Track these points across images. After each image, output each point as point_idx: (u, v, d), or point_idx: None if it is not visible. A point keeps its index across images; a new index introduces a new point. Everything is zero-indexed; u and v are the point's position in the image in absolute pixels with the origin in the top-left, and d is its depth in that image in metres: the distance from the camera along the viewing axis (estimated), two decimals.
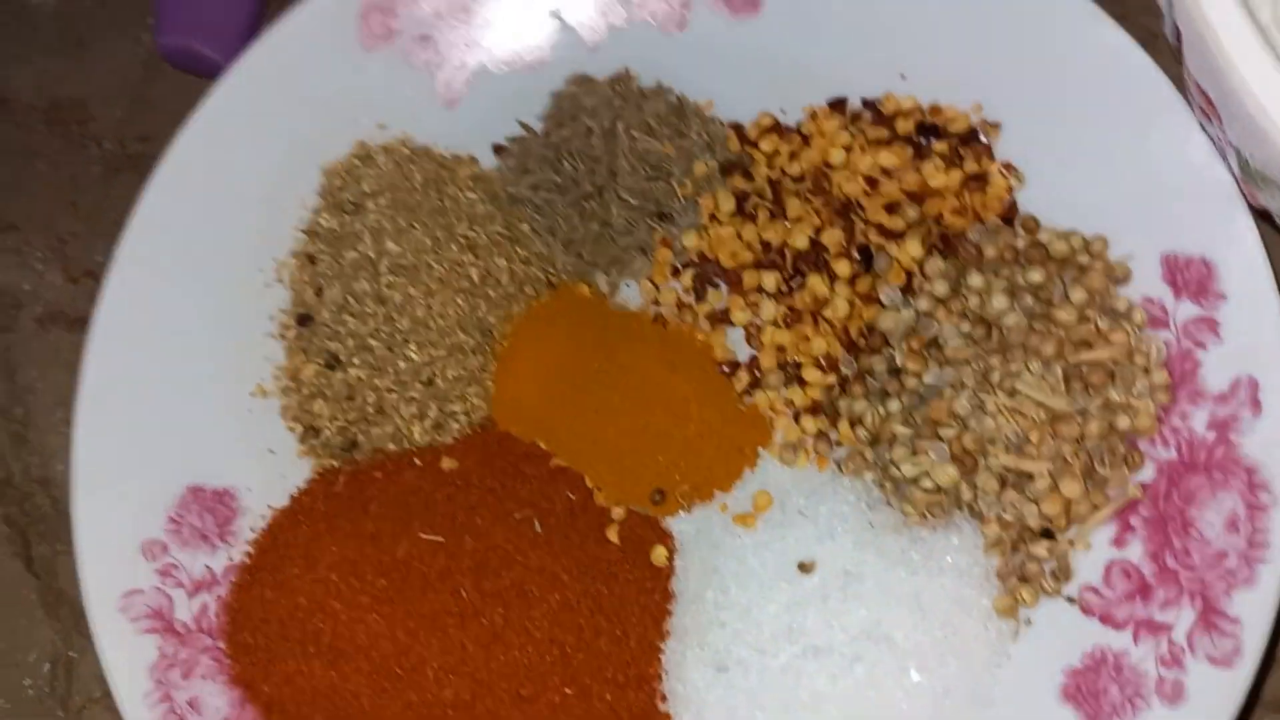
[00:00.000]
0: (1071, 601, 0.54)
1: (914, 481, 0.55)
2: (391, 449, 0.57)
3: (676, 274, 0.60)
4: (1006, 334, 0.55)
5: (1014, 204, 0.59)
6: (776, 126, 0.61)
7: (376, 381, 0.56)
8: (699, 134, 0.61)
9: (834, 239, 0.58)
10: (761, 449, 0.57)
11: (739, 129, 0.61)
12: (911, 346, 0.56)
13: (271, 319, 0.59)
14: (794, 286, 0.59)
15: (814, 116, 0.61)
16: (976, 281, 0.56)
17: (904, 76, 0.60)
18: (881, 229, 0.59)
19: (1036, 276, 0.55)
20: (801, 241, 0.59)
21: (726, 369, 0.59)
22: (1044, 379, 0.54)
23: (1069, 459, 0.53)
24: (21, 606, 0.59)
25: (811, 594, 0.52)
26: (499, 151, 0.62)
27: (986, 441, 0.54)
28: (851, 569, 0.53)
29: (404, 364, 0.56)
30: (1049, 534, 0.54)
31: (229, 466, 0.56)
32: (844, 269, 0.58)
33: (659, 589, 0.54)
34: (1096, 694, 0.52)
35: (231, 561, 0.55)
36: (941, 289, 0.56)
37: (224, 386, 0.57)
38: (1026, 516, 0.54)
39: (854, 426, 0.57)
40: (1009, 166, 0.59)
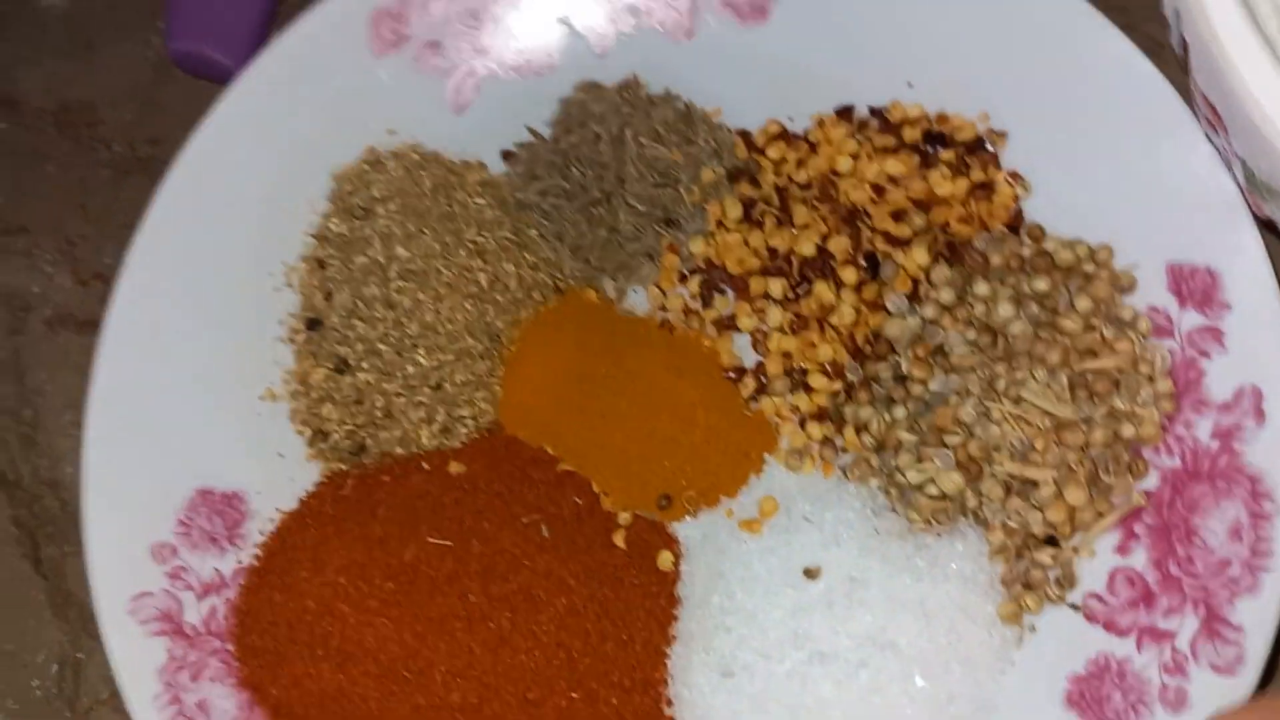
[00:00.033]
0: (1075, 608, 0.54)
1: (919, 488, 0.55)
2: (399, 453, 0.57)
3: (683, 280, 0.61)
4: (1012, 342, 0.55)
5: (1020, 212, 0.59)
6: (784, 134, 0.62)
7: (385, 386, 0.57)
8: (706, 141, 0.61)
9: (841, 246, 0.59)
10: (767, 455, 0.58)
11: (746, 136, 0.62)
12: (917, 354, 0.56)
13: (281, 323, 0.59)
14: (800, 293, 0.59)
15: (821, 124, 0.61)
16: (982, 289, 0.56)
17: (911, 85, 0.60)
18: (888, 236, 0.59)
19: (1042, 285, 0.56)
20: (808, 248, 0.59)
21: (733, 375, 0.59)
22: (1049, 387, 0.54)
23: (1074, 466, 0.54)
24: (30, 608, 0.59)
25: (817, 600, 0.53)
26: (507, 157, 0.62)
27: (992, 449, 0.54)
28: (857, 575, 0.53)
29: (412, 368, 0.57)
30: (1053, 541, 0.54)
31: (238, 469, 0.56)
32: (850, 276, 0.58)
33: (664, 594, 0.54)
34: (1100, 700, 0.53)
35: (240, 564, 0.55)
36: (947, 296, 0.57)
37: (233, 390, 0.57)
38: (1031, 524, 0.54)
39: (859, 433, 0.57)
40: (1015, 175, 0.59)
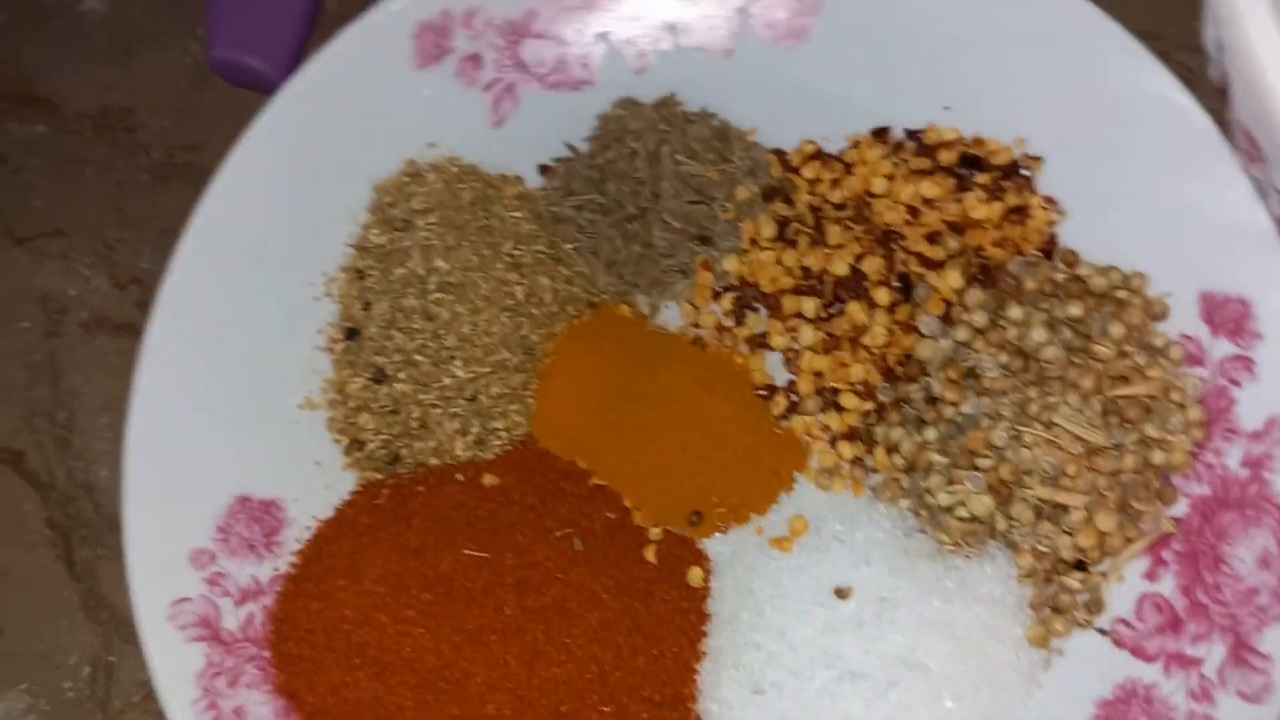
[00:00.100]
0: (1103, 633, 0.55)
1: (949, 510, 0.55)
2: (434, 464, 0.58)
3: (717, 297, 0.61)
4: (1045, 366, 0.55)
5: (1054, 238, 0.60)
6: (819, 154, 0.62)
7: (421, 396, 0.57)
8: (742, 159, 0.61)
9: (874, 267, 0.59)
10: (798, 473, 0.58)
11: (781, 155, 0.62)
12: (949, 376, 0.56)
13: (320, 332, 0.59)
14: (833, 313, 0.60)
15: (857, 145, 0.61)
16: (1015, 313, 0.57)
17: (947, 108, 0.61)
18: (922, 258, 0.59)
19: (1075, 310, 0.56)
20: (842, 268, 0.59)
21: (764, 393, 0.60)
22: (1081, 412, 0.54)
23: (1104, 492, 0.54)
24: (63, 609, 0.60)
25: (847, 619, 0.53)
26: (544, 172, 0.63)
27: (1023, 473, 0.54)
28: (887, 595, 0.53)
29: (449, 380, 0.57)
30: (1082, 566, 0.55)
31: (276, 477, 0.56)
32: (883, 297, 0.59)
33: (694, 610, 0.55)
34: None
35: (277, 571, 0.55)
36: (980, 320, 0.57)
37: (272, 398, 0.58)
38: (1061, 548, 0.54)
39: (890, 453, 0.57)
40: (1050, 200, 0.60)
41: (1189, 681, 0.53)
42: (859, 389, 0.59)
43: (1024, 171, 0.60)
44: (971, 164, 0.60)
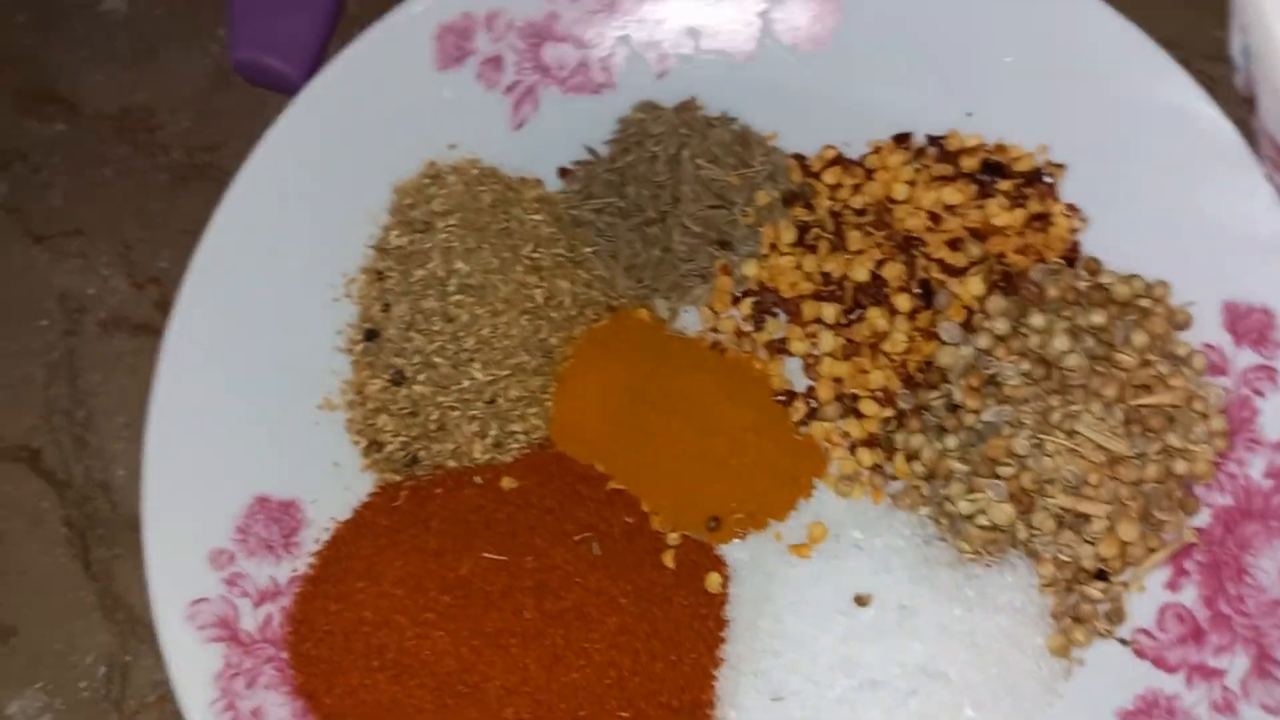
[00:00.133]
0: (1125, 643, 0.54)
1: (970, 518, 0.55)
2: (452, 466, 0.58)
3: (736, 302, 0.61)
4: (1067, 375, 0.55)
5: (1077, 245, 0.59)
6: (840, 159, 0.62)
7: (440, 399, 0.57)
8: (762, 163, 0.61)
9: (895, 273, 0.59)
10: (817, 480, 0.58)
11: (802, 160, 0.62)
12: (970, 383, 0.56)
13: (339, 333, 0.59)
14: (853, 319, 0.59)
15: (878, 150, 0.61)
16: (1038, 321, 0.56)
17: (969, 114, 0.61)
18: (943, 265, 0.59)
19: (1098, 318, 0.56)
20: (862, 274, 0.59)
21: (783, 398, 0.59)
22: (1104, 421, 0.54)
23: (1126, 501, 0.54)
24: (79, 609, 0.60)
25: (867, 627, 0.53)
26: (564, 174, 0.63)
27: (1044, 481, 0.54)
28: (907, 603, 0.53)
29: (468, 382, 0.57)
30: (1103, 575, 0.54)
31: (295, 478, 0.56)
32: (904, 303, 0.59)
33: (713, 616, 0.55)
34: None
35: (296, 572, 0.55)
36: (1002, 327, 0.57)
37: (291, 399, 0.57)
38: (1082, 557, 0.54)
39: (910, 461, 0.57)
40: (1072, 208, 0.60)
41: (1211, 693, 0.52)
42: (879, 395, 0.59)
43: (1046, 178, 0.60)
44: (994, 170, 0.60)
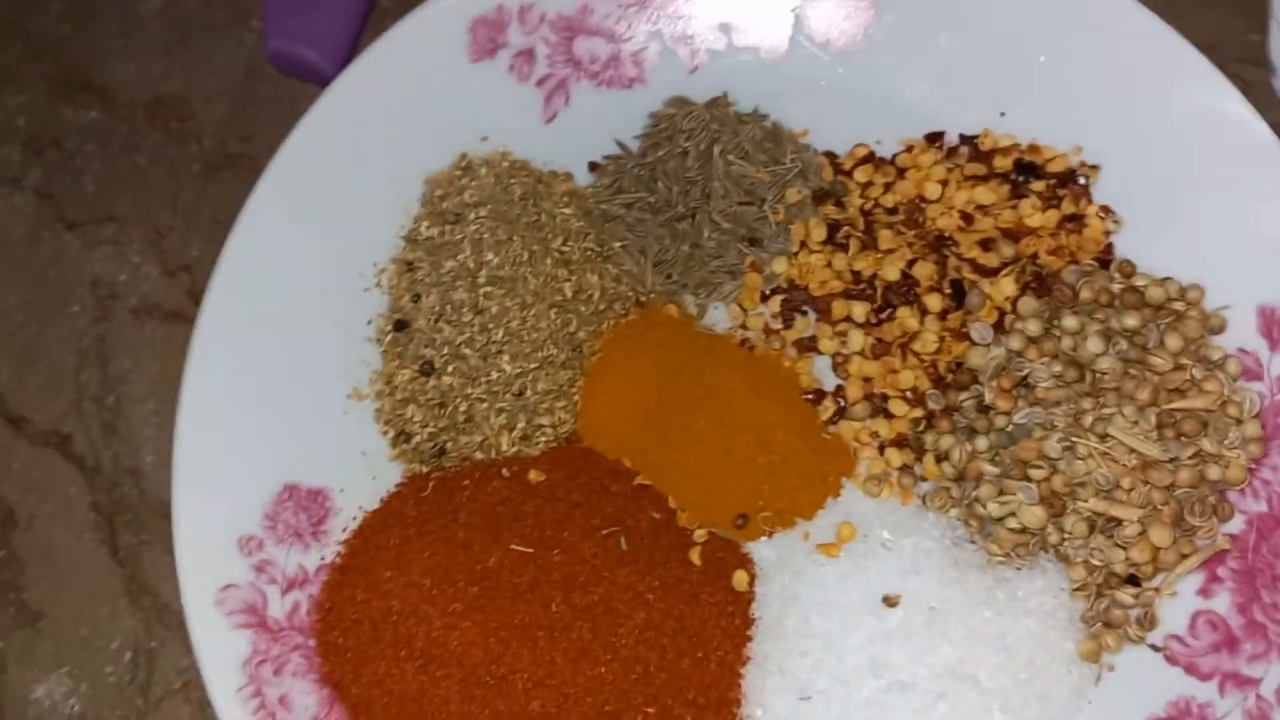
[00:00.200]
0: (1156, 649, 0.54)
1: (1000, 521, 0.54)
2: (479, 458, 0.57)
3: (765, 299, 0.61)
4: (1100, 378, 0.54)
5: (1111, 247, 0.59)
6: (871, 157, 0.61)
7: (468, 390, 0.57)
8: (793, 161, 0.61)
9: (926, 272, 0.59)
10: (845, 479, 0.57)
11: (833, 158, 0.62)
12: (1001, 385, 0.56)
13: (369, 324, 0.59)
14: (883, 318, 0.59)
15: (910, 149, 0.61)
16: (1070, 323, 0.56)
17: (1003, 114, 0.60)
18: (975, 265, 0.59)
19: (1132, 321, 0.55)
20: (893, 273, 0.59)
21: (812, 397, 0.59)
22: (1137, 424, 0.53)
23: (1159, 506, 0.53)
24: (106, 594, 0.60)
25: (896, 628, 0.52)
26: (594, 168, 0.63)
27: (1076, 484, 0.53)
28: (936, 605, 0.53)
29: (496, 374, 0.57)
30: (1135, 580, 0.54)
31: (324, 466, 0.56)
32: (935, 303, 0.58)
33: (740, 613, 0.54)
34: None
35: (324, 560, 0.55)
36: (1034, 329, 0.56)
37: (321, 388, 0.58)
38: (1113, 562, 0.53)
39: (939, 462, 0.57)
40: (1106, 209, 0.59)
41: (1246, 702, 0.51)
42: (908, 395, 0.58)
43: (1080, 179, 0.60)
44: (1027, 171, 0.60)
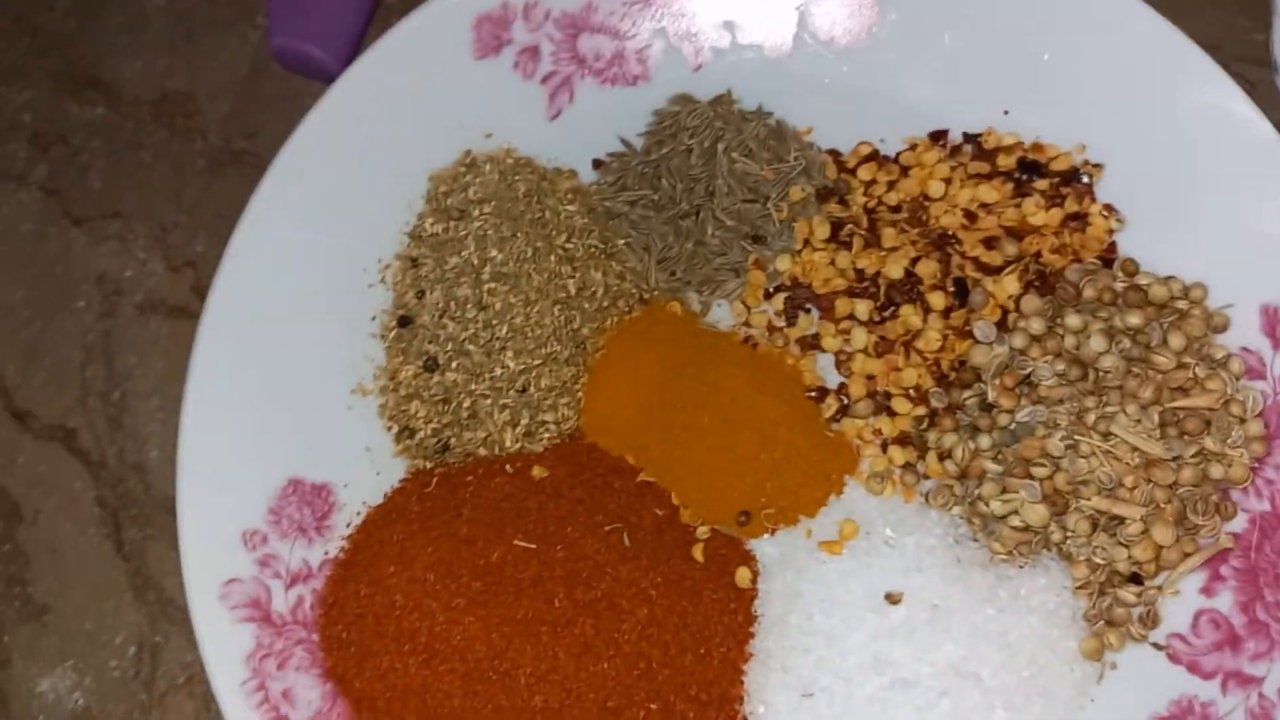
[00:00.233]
0: (1159, 648, 0.54)
1: (1003, 519, 0.55)
2: (483, 454, 0.58)
3: (768, 297, 0.61)
4: (1103, 376, 0.55)
5: (1114, 246, 0.59)
6: (875, 155, 0.62)
7: (472, 386, 0.57)
8: (797, 158, 0.61)
9: (929, 270, 0.59)
10: (848, 477, 0.57)
11: (837, 156, 0.62)
12: (1004, 383, 0.56)
13: (373, 319, 0.59)
14: (886, 316, 0.59)
15: (914, 147, 0.61)
16: (1074, 322, 0.56)
17: (1007, 112, 0.60)
18: (978, 263, 0.59)
19: (1135, 320, 0.55)
20: (896, 271, 0.59)
21: (815, 395, 0.59)
22: (1140, 423, 0.53)
23: (1162, 505, 0.53)
24: (111, 589, 0.60)
25: (898, 626, 0.52)
26: (598, 166, 0.63)
27: (1079, 483, 0.53)
28: (939, 603, 0.53)
29: (500, 370, 0.57)
30: (1137, 579, 0.54)
31: (327, 462, 0.57)
32: (938, 301, 0.58)
33: (742, 610, 0.54)
34: None
35: (328, 555, 0.55)
36: (1037, 327, 0.56)
37: (325, 383, 0.58)
38: (1116, 560, 0.53)
39: (942, 460, 0.57)
40: (1110, 208, 0.59)
41: (1249, 701, 0.52)
42: (911, 394, 0.58)
43: (1084, 178, 0.60)
44: (1030, 169, 0.60)
